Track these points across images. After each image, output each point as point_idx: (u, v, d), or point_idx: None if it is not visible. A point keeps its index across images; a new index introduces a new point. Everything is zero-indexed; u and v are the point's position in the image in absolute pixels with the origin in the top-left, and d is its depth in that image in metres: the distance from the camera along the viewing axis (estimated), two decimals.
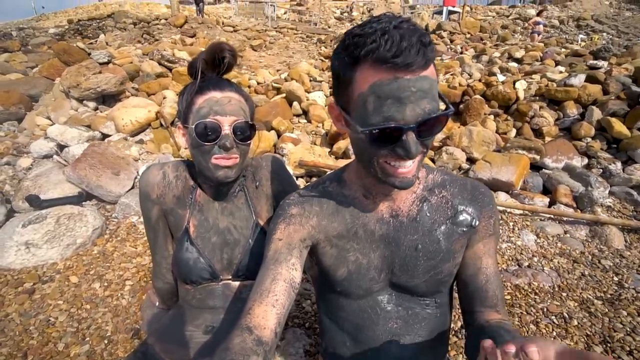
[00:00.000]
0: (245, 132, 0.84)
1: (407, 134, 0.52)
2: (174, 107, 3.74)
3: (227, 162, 0.82)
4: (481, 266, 0.72)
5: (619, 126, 3.24)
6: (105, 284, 1.82)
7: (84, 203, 2.56)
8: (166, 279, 1.04)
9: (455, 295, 0.82)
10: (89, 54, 5.09)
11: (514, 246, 2.23)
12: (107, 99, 4.39)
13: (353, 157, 0.72)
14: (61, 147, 3.19)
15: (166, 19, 9.68)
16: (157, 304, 1.18)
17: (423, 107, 0.52)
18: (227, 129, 0.80)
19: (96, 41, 8.23)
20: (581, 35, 10.09)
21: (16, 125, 3.94)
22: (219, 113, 0.80)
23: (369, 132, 0.53)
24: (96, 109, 4.24)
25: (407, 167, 0.57)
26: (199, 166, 0.86)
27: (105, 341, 1.46)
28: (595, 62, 4.44)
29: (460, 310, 0.81)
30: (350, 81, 0.55)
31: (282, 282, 0.63)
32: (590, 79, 3.94)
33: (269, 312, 0.60)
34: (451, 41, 9.37)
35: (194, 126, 0.79)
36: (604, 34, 10.76)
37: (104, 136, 3.59)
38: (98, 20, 11.01)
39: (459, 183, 0.74)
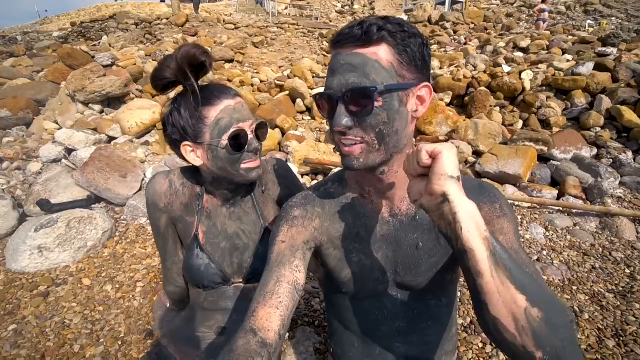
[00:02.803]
0: (263, 132, 0.87)
1: (338, 104, 0.57)
2: None
3: (256, 163, 0.84)
4: None
5: (629, 115, 3.17)
6: (117, 285, 1.85)
7: (93, 206, 2.60)
8: (177, 283, 1.06)
9: (467, 292, 0.82)
10: (93, 57, 5.13)
11: (523, 240, 2.21)
12: (112, 101, 4.43)
13: None
14: (69, 151, 3.24)
15: (167, 19, 9.68)
16: (168, 305, 1.20)
17: (347, 79, 0.56)
18: (250, 134, 0.82)
19: (99, 43, 8.29)
20: (589, 21, 9.84)
21: (25, 131, 4.00)
22: (240, 120, 0.80)
23: (314, 97, 0.66)
24: (102, 111, 4.28)
25: (349, 145, 0.60)
26: (228, 175, 0.84)
27: (119, 342, 1.50)
28: (604, 49, 4.35)
29: (470, 306, 0.80)
30: None
31: (286, 284, 0.64)
32: (599, 67, 3.86)
33: (272, 314, 0.60)
34: (455, 32, 9.22)
35: (225, 139, 0.78)
36: (613, 18, 10.49)
37: (110, 139, 3.63)
38: (100, 22, 11.07)
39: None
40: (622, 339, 1.45)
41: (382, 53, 0.56)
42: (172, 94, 0.85)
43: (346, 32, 0.57)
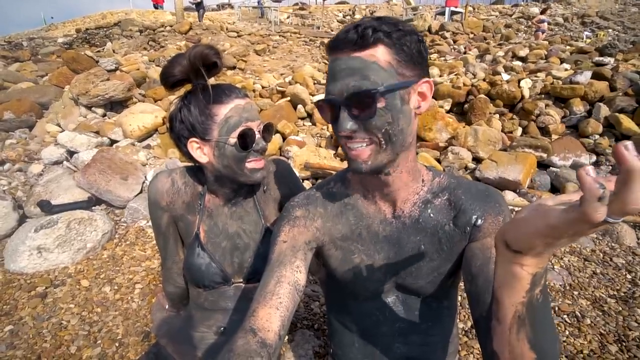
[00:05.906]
0: (269, 133, 0.87)
1: (341, 108, 0.58)
2: None
3: (261, 163, 0.84)
4: (491, 256, 0.63)
5: (627, 122, 3.20)
6: (116, 287, 1.84)
7: (93, 208, 2.59)
8: (177, 283, 1.05)
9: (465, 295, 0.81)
10: (97, 62, 5.19)
11: None
12: (115, 105, 4.46)
13: None
14: (71, 153, 3.26)
15: (171, 26, 9.81)
16: (166, 307, 1.19)
17: (347, 83, 0.56)
18: (257, 133, 0.82)
19: (103, 49, 8.38)
20: (586, 33, 9.99)
21: (27, 133, 4.02)
22: (249, 119, 0.81)
23: (315, 104, 0.65)
24: (104, 115, 4.31)
25: (356, 149, 0.60)
26: (232, 174, 0.84)
27: (117, 344, 1.48)
28: (601, 58, 4.40)
29: (470, 311, 0.79)
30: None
31: (286, 284, 0.63)
32: (597, 76, 3.90)
33: (272, 314, 0.60)
34: (454, 41, 9.35)
35: (234, 137, 0.79)
36: (610, 30, 10.64)
37: (112, 142, 3.65)
38: (105, 29, 11.21)
39: (465, 186, 0.71)
40: (624, 344, 1.43)
41: (380, 54, 0.55)
42: (172, 97, 0.86)
43: (342, 37, 0.56)
